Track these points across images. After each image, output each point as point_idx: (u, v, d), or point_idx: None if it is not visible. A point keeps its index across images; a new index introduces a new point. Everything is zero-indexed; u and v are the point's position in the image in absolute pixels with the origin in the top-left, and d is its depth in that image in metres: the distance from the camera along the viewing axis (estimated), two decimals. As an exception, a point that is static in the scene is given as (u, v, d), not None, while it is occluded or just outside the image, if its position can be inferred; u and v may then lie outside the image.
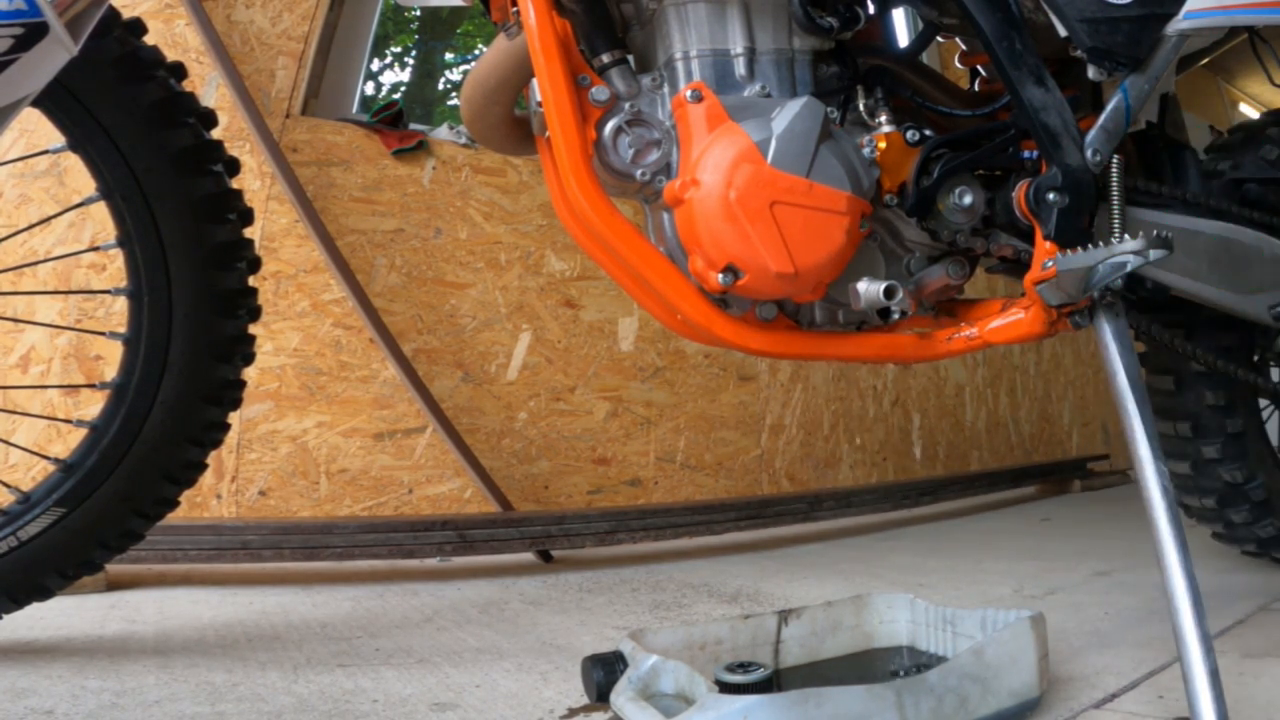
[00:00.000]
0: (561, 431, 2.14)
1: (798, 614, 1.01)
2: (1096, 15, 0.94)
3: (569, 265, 2.18)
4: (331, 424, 1.90)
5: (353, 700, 0.98)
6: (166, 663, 1.10)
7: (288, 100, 1.93)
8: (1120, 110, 0.97)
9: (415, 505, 1.97)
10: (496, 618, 1.39)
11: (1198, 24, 0.95)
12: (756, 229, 0.88)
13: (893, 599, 1.06)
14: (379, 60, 2.86)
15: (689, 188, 0.90)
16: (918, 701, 0.78)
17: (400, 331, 1.97)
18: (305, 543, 1.65)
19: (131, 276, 1.08)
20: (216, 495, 1.81)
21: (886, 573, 1.74)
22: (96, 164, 1.04)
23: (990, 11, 0.95)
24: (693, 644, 0.95)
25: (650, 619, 1.38)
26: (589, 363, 2.19)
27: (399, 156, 2.02)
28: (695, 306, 0.94)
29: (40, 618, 1.29)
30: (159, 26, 1.81)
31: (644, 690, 0.85)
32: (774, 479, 2.44)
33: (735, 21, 0.96)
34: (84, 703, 0.95)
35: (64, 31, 0.86)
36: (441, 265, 2.05)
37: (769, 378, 2.46)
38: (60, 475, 1.07)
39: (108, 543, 1.10)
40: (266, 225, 1.88)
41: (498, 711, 0.95)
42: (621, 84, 0.94)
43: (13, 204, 1.72)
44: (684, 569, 1.82)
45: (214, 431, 1.13)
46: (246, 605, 1.45)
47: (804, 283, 0.91)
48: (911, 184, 0.97)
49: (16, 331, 1.71)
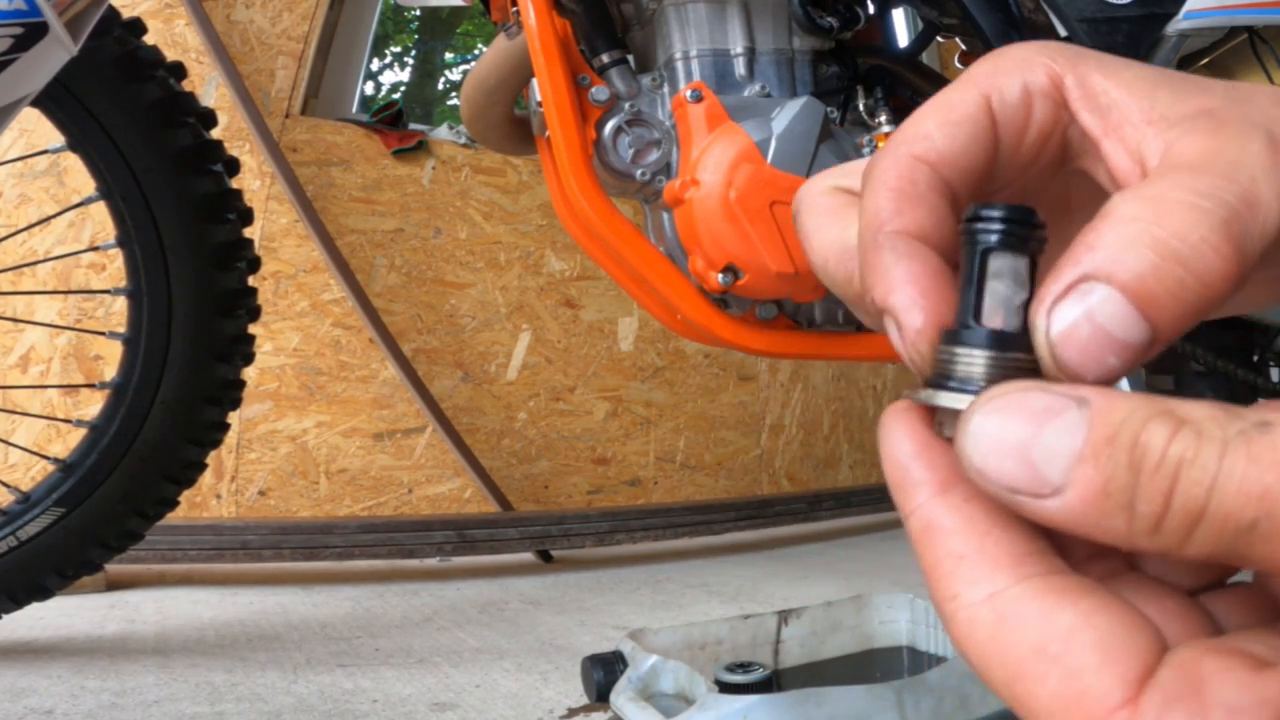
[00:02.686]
0: (561, 431, 2.14)
1: (798, 614, 1.01)
2: (1096, 15, 0.94)
3: (569, 265, 2.18)
4: (331, 424, 1.90)
5: (353, 700, 0.98)
6: (166, 663, 1.10)
7: (287, 100, 1.93)
8: (1120, 110, 0.97)
9: (415, 505, 1.97)
10: (496, 618, 1.39)
11: (1198, 24, 0.95)
12: (757, 229, 0.88)
13: (893, 599, 1.06)
14: (379, 60, 2.86)
15: (689, 187, 0.90)
16: (918, 701, 0.78)
17: (400, 331, 1.97)
18: (305, 543, 1.65)
19: (131, 276, 1.08)
20: (216, 495, 1.81)
21: (886, 573, 1.74)
22: (96, 164, 1.04)
23: (990, 11, 0.95)
24: (693, 644, 0.95)
25: (650, 619, 1.38)
26: (589, 363, 2.19)
27: (399, 156, 2.02)
28: (695, 306, 0.94)
29: (40, 618, 1.29)
30: (159, 26, 1.81)
31: (644, 690, 0.85)
32: (774, 479, 2.44)
33: (735, 21, 0.96)
34: (84, 703, 0.95)
35: (64, 31, 0.86)
36: (441, 265, 2.05)
37: (769, 378, 2.46)
38: (60, 475, 1.07)
39: (107, 543, 1.10)
40: (266, 225, 1.88)
41: (497, 711, 0.95)
42: (621, 84, 0.94)
43: (13, 204, 1.72)
44: (684, 569, 1.82)
45: (214, 431, 1.13)
46: (246, 605, 1.45)
47: (804, 282, 0.91)
48: (911, 184, 0.97)
49: (16, 331, 1.71)
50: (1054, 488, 0.16)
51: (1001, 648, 0.17)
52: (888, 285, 0.20)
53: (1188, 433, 0.15)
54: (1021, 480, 0.16)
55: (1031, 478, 0.16)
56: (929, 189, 0.20)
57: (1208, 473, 0.15)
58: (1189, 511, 0.15)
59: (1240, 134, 0.18)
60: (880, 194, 0.20)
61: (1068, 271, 0.17)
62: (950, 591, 0.18)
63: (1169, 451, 0.15)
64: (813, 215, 0.23)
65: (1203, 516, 0.15)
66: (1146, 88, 0.20)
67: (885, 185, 0.20)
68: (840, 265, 0.22)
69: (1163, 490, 0.15)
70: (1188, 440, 0.15)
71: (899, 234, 0.20)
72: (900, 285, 0.19)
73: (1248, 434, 0.15)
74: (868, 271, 0.20)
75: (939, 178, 0.21)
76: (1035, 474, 0.16)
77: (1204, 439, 0.15)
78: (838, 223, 0.23)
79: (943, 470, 0.19)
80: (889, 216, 0.20)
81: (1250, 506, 0.15)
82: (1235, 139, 0.18)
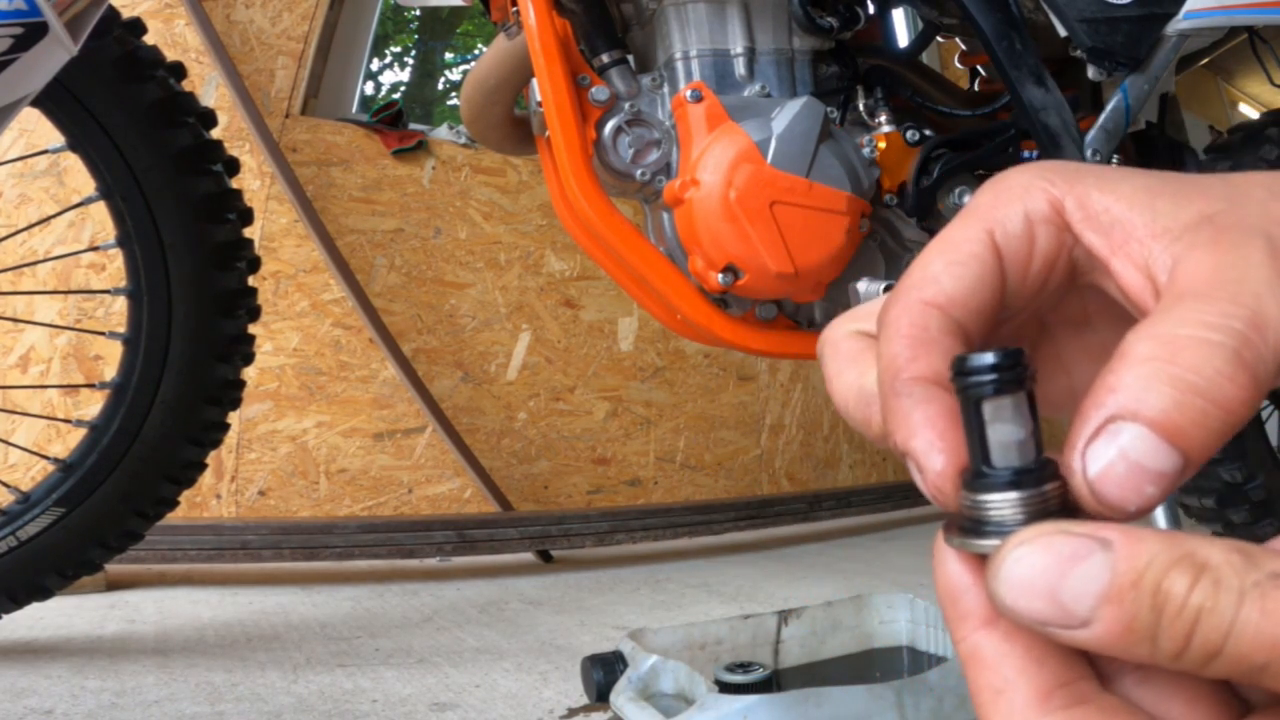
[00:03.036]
0: (561, 431, 2.14)
1: (798, 614, 1.01)
2: (1096, 15, 0.94)
3: (569, 265, 2.18)
4: (331, 424, 1.90)
5: (353, 700, 0.98)
6: (166, 663, 1.10)
7: (287, 100, 1.93)
8: (1120, 110, 0.97)
9: (415, 505, 1.97)
10: (496, 618, 1.39)
11: (1198, 24, 0.95)
12: (756, 229, 0.88)
13: (893, 599, 1.06)
14: (379, 60, 2.86)
15: (689, 187, 0.90)
16: (918, 701, 0.78)
17: (400, 331, 1.97)
18: (305, 543, 1.65)
19: (131, 276, 1.08)
20: (216, 495, 1.81)
21: (886, 573, 1.74)
22: (96, 164, 1.04)
23: (990, 11, 0.95)
24: (693, 644, 0.95)
25: (650, 619, 1.38)
26: (589, 363, 2.19)
27: (399, 156, 2.02)
28: (695, 306, 0.94)
29: (40, 618, 1.29)
30: (159, 26, 1.81)
31: (644, 690, 0.85)
32: (774, 479, 2.44)
33: (735, 21, 0.96)
34: (84, 703, 0.95)
35: (64, 31, 0.86)
36: (441, 265, 2.05)
37: (769, 378, 2.46)
38: (60, 475, 1.07)
39: (107, 543, 1.10)
40: (266, 225, 1.88)
41: (497, 711, 0.95)
42: (621, 84, 0.94)
43: (13, 204, 1.72)
44: (684, 569, 1.82)
45: (213, 431, 1.13)
46: (246, 605, 1.45)
47: (804, 283, 0.91)
48: (911, 184, 0.97)
49: (16, 331, 1.71)
50: (1082, 621, 0.17)
51: None
52: (908, 430, 0.21)
53: (1207, 581, 0.16)
54: (1051, 617, 0.18)
55: (1060, 615, 0.17)
56: (940, 333, 0.21)
57: (1225, 620, 0.16)
58: (1207, 651, 0.16)
59: (1241, 243, 0.19)
60: (895, 342, 0.22)
61: (1094, 415, 0.19)
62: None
63: (1190, 600, 0.16)
64: (835, 359, 0.25)
65: (1219, 654, 0.16)
66: (1146, 198, 0.21)
67: (899, 334, 0.22)
68: (860, 409, 0.24)
69: (1184, 632, 0.16)
70: (1207, 590, 0.16)
71: (915, 380, 0.21)
72: (919, 430, 0.21)
73: (1263, 586, 0.16)
74: (888, 416, 0.21)
75: (950, 319, 0.22)
76: (1064, 612, 0.17)
77: (1222, 588, 0.16)
78: (856, 368, 0.24)
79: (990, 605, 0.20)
80: (905, 364, 0.21)
81: (1263, 652, 0.16)
82: (1236, 250, 0.19)
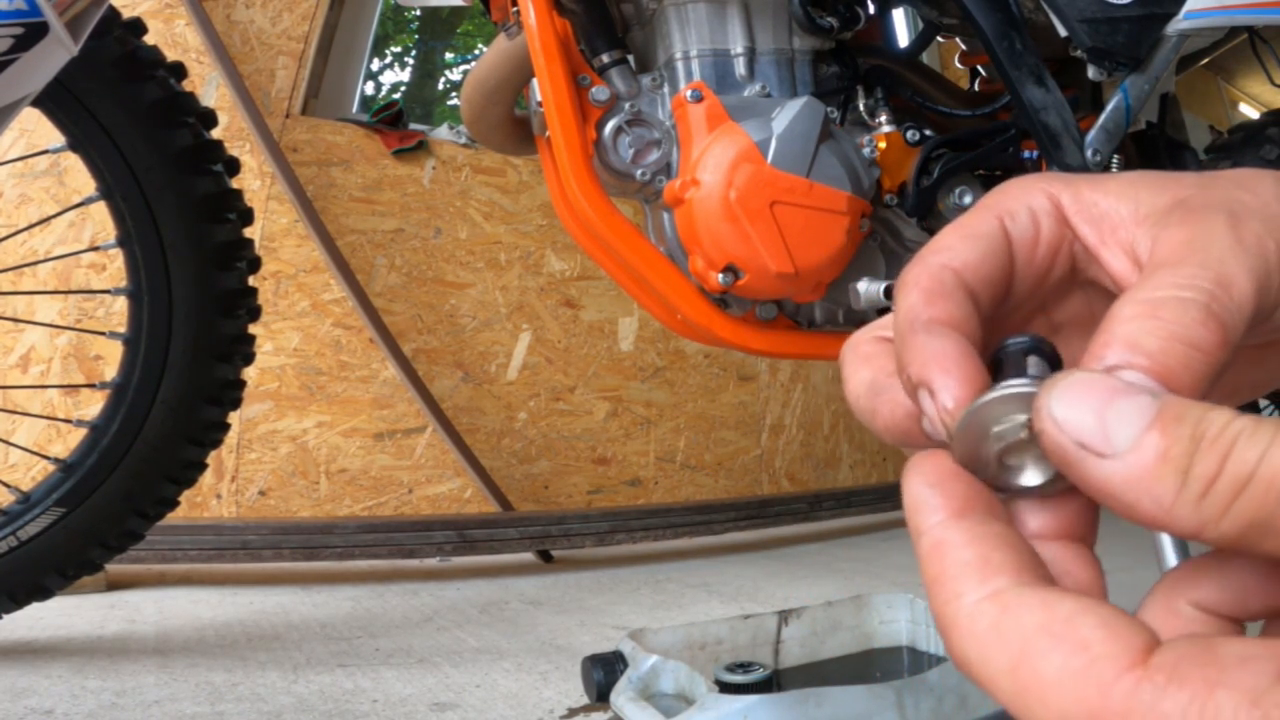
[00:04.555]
0: (561, 431, 2.14)
1: (798, 614, 1.01)
2: (1096, 15, 0.94)
3: (569, 265, 2.18)
4: (331, 424, 1.90)
5: (353, 700, 0.98)
6: (166, 663, 1.10)
7: (288, 100, 1.93)
8: (1120, 110, 0.97)
9: (415, 505, 1.97)
10: (496, 618, 1.39)
11: (1198, 24, 0.95)
12: (756, 229, 0.88)
13: (893, 599, 1.06)
14: (379, 60, 2.86)
15: (689, 188, 0.90)
16: (918, 701, 0.78)
17: (400, 331, 1.97)
18: (305, 543, 1.65)
19: (131, 276, 1.08)
20: (216, 495, 1.81)
21: (886, 573, 1.74)
22: (96, 164, 1.04)
23: (990, 11, 0.95)
24: (693, 644, 0.95)
25: (650, 619, 1.38)
26: (589, 363, 2.19)
27: (399, 156, 2.02)
28: (695, 306, 0.94)
29: (40, 618, 1.29)
30: (159, 26, 1.81)
31: (644, 690, 0.85)
32: (774, 479, 2.44)
33: (735, 21, 0.96)
34: (84, 703, 0.95)
35: (64, 31, 0.86)
36: (441, 265, 2.05)
37: (769, 378, 2.46)
38: (60, 475, 1.07)
39: (108, 543, 1.10)
40: (266, 225, 1.88)
41: (497, 711, 0.95)
42: (621, 84, 0.94)
43: (13, 204, 1.72)
44: (684, 569, 1.82)
45: (214, 431, 1.13)
46: (246, 605, 1.45)
47: (804, 283, 0.91)
48: (911, 184, 0.97)
49: (16, 331, 1.71)
50: (1117, 451, 0.18)
51: (1004, 634, 0.18)
52: (922, 361, 0.22)
53: (1246, 418, 0.18)
54: (1091, 435, 0.18)
55: (1100, 436, 0.18)
56: (955, 288, 0.23)
57: (1262, 441, 0.17)
58: (1238, 476, 0.17)
59: (1207, 219, 0.22)
60: (913, 293, 0.23)
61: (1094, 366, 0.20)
62: (953, 591, 0.19)
63: (1230, 427, 0.17)
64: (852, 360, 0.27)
65: (1250, 481, 0.17)
66: (1130, 191, 0.24)
67: (917, 286, 0.23)
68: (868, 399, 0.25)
69: (1220, 453, 0.17)
70: (1245, 421, 0.17)
71: (932, 320, 0.22)
72: (934, 359, 0.22)
73: None
74: (903, 353, 0.22)
75: (963, 280, 0.23)
76: (1104, 433, 0.18)
77: (1260, 422, 0.17)
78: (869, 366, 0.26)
79: (958, 500, 0.20)
80: (921, 309, 0.23)
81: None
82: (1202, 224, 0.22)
